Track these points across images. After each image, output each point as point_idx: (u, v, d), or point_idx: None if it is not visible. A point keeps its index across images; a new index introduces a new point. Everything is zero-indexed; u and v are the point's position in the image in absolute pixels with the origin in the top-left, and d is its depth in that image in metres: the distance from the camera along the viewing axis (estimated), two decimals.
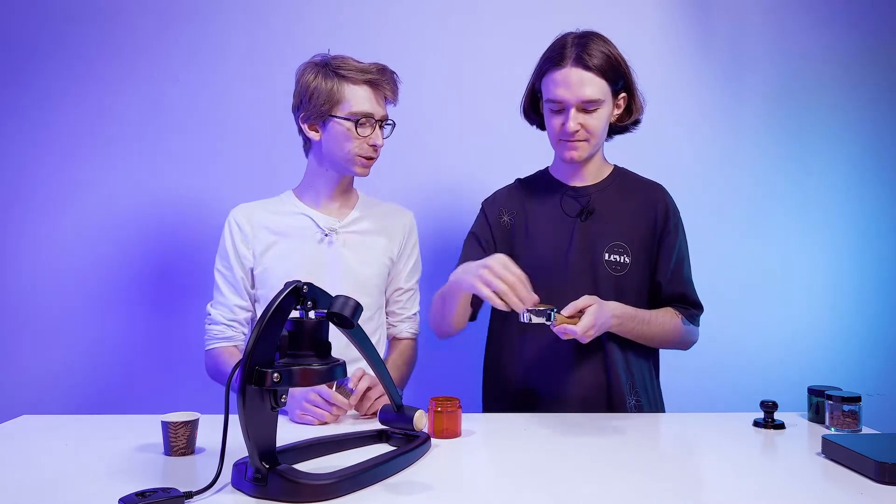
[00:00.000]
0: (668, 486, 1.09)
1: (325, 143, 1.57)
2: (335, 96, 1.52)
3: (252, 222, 1.61)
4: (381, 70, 1.55)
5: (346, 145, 1.54)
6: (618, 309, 1.51)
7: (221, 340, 1.60)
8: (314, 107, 1.53)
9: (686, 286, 1.66)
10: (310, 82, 1.53)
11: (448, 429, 1.31)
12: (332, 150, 1.57)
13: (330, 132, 1.55)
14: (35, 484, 1.07)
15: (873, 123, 2.28)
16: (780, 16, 2.26)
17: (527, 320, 1.35)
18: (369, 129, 1.54)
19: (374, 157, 1.59)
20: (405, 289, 1.72)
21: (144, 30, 2.14)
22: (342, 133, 1.54)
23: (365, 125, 1.53)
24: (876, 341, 2.27)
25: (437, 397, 1.34)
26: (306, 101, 1.54)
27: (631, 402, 1.59)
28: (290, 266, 1.58)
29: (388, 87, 1.56)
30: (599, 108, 1.53)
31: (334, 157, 1.58)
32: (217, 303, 1.62)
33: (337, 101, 1.52)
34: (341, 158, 1.57)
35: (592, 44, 1.52)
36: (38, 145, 2.13)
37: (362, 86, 1.53)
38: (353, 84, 1.52)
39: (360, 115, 1.52)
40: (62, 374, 2.12)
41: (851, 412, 1.35)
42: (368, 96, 1.53)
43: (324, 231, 1.61)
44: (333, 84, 1.51)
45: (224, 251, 1.62)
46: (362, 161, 1.57)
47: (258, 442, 0.99)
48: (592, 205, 1.63)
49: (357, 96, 1.52)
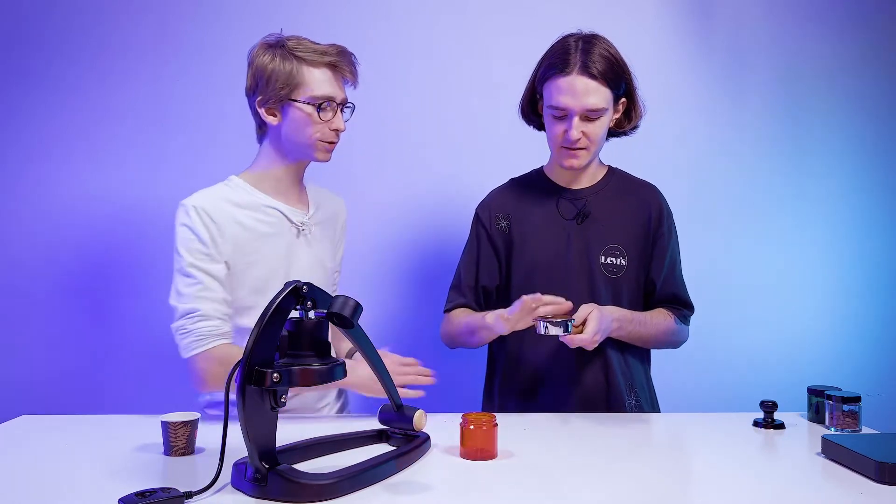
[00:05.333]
0: (668, 486, 1.09)
1: (284, 128, 1.48)
2: (294, 79, 1.44)
3: (222, 214, 1.45)
4: (340, 52, 1.48)
5: (306, 130, 1.47)
6: (616, 313, 1.52)
7: (219, 338, 1.41)
8: (272, 90, 1.44)
9: (678, 287, 1.67)
10: (266, 64, 1.44)
11: (484, 449, 1.18)
12: (292, 136, 1.48)
13: (289, 117, 1.46)
14: (35, 484, 1.07)
15: (873, 124, 2.28)
16: (779, 16, 2.26)
17: (543, 331, 1.37)
18: (331, 112, 1.47)
19: (336, 141, 1.51)
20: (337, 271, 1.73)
21: (144, 30, 2.14)
22: (302, 118, 1.46)
23: (326, 109, 1.46)
24: (876, 341, 2.27)
25: (470, 413, 1.21)
26: (263, 85, 1.45)
27: (631, 402, 1.59)
28: (268, 264, 1.49)
29: (348, 69, 1.49)
30: (602, 115, 1.52)
31: (294, 143, 1.49)
32: (203, 298, 1.40)
33: (296, 84, 1.44)
34: (302, 144, 1.49)
35: (596, 49, 1.50)
36: (38, 145, 2.12)
37: (322, 68, 1.45)
38: (313, 66, 1.44)
39: (322, 98, 1.45)
40: (62, 374, 2.12)
41: (851, 412, 1.35)
42: (329, 79, 1.46)
43: (297, 226, 1.54)
44: (292, 66, 1.43)
45: (201, 241, 1.42)
46: (324, 146, 1.49)
47: (258, 442, 0.99)
48: (589, 208, 1.63)
49: (317, 79, 1.44)
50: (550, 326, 1.36)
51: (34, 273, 2.12)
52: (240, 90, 2.17)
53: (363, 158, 2.12)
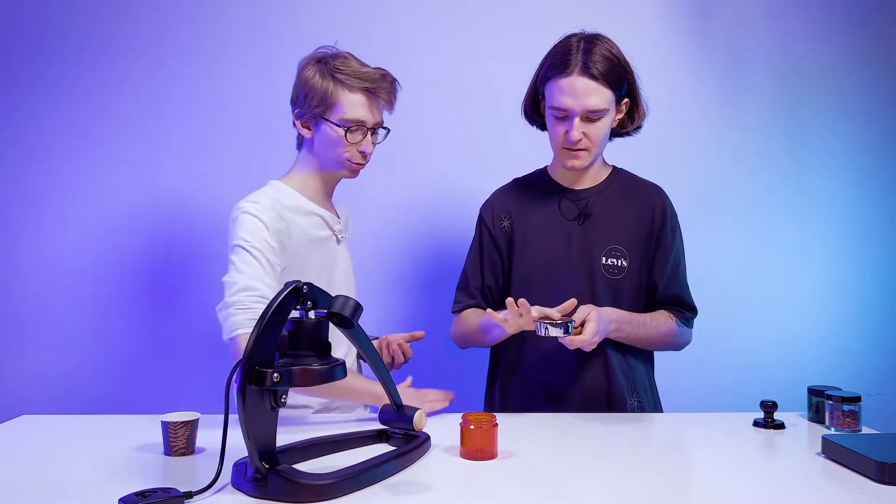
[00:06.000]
0: (668, 486, 1.09)
1: (316, 143, 1.54)
2: (329, 99, 1.48)
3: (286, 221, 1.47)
4: (381, 77, 1.50)
5: (336, 149, 1.51)
6: (614, 314, 1.51)
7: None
8: (308, 106, 1.49)
9: (681, 289, 1.66)
10: (308, 79, 1.49)
11: (484, 449, 1.18)
12: (322, 152, 1.54)
13: (321, 133, 1.51)
14: (35, 484, 1.07)
15: (874, 123, 2.28)
16: (779, 16, 2.26)
17: (543, 333, 1.37)
18: (360, 136, 1.51)
19: (364, 163, 1.56)
20: None
21: (145, 30, 2.14)
22: (332, 137, 1.50)
23: (356, 132, 1.50)
24: (876, 341, 2.27)
25: (470, 413, 1.22)
26: (301, 98, 1.50)
27: (633, 403, 1.59)
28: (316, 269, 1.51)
29: (385, 96, 1.52)
30: (603, 116, 1.52)
31: (324, 158, 1.54)
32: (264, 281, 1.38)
33: (330, 104, 1.48)
34: (331, 161, 1.54)
35: (598, 49, 1.50)
36: (38, 145, 2.12)
37: (358, 93, 1.48)
38: (349, 90, 1.48)
39: (352, 122, 1.48)
40: (62, 374, 2.12)
41: (851, 412, 1.35)
42: (363, 103, 1.49)
43: (336, 233, 1.60)
44: (329, 86, 1.47)
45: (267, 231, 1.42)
46: (351, 165, 1.54)
47: (258, 442, 0.99)
48: (590, 208, 1.63)
49: (351, 102, 1.48)
50: (550, 328, 1.37)
51: (34, 273, 2.12)
52: (241, 90, 2.18)
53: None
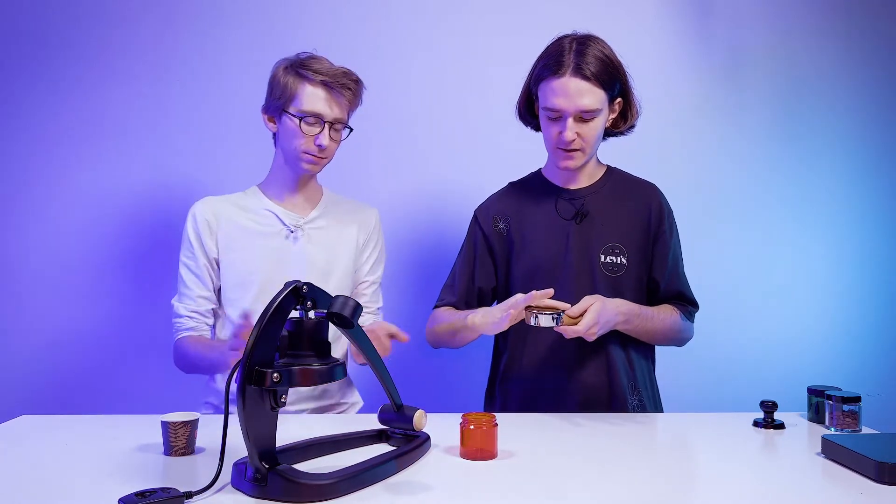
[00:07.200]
0: (668, 486, 1.09)
1: (279, 137, 1.63)
2: (289, 92, 1.57)
3: (217, 215, 1.63)
4: (342, 74, 1.58)
5: (293, 141, 1.59)
6: (623, 306, 1.51)
7: (185, 331, 1.62)
8: (273, 99, 1.60)
9: (683, 284, 1.68)
10: (275, 75, 1.60)
11: (484, 449, 1.18)
12: (283, 145, 1.63)
13: (282, 126, 1.60)
14: (35, 484, 1.07)
15: (874, 123, 2.28)
16: (779, 15, 2.26)
17: (534, 322, 1.38)
18: (316, 128, 1.57)
19: (321, 156, 1.61)
20: (370, 281, 1.74)
21: (145, 30, 2.14)
22: (291, 129, 1.58)
23: (313, 124, 1.57)
24: (876, 341, 2.27)
25: (470, 413, 1.22)
26: (269, 93, 1.61)
27: (633, 401, 1.59)
28: (256, 261, 1.61)
29: (346, 92, 1.58)
30: (596, 116, 1.53)
31: (285, 152, 1.63)
32: (181, 295, 1.64)
33: (290, 96, 1.57)
34: (290, 153, 1.61)
35: (590, 50, 1.50)
36: (38, 145, 2.12)
37: (317, 86, 1.56)
38: (309, 83, 1.56)
39: (308, 113, 1.56)
40: (62, 374, 2.12)
41: (851, 412, 1.35)
42: (322, 97, 1.56)
43: (289, 228, 1.64)
44: (290, 80, 1.57)
45: (188, 242, 1.63)
46: (308, 158, 1.60)
47: (258, 442, 0.99)
48: (587, 207, 1.63)
49: (309, 95, 1.56)
50: (541, 317, 1.37)
51: (34, 273, 2.12)
52: (242, 90, 2.18)
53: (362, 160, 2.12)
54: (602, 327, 1.44)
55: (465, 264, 1.70)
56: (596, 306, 1.41)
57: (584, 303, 1.43)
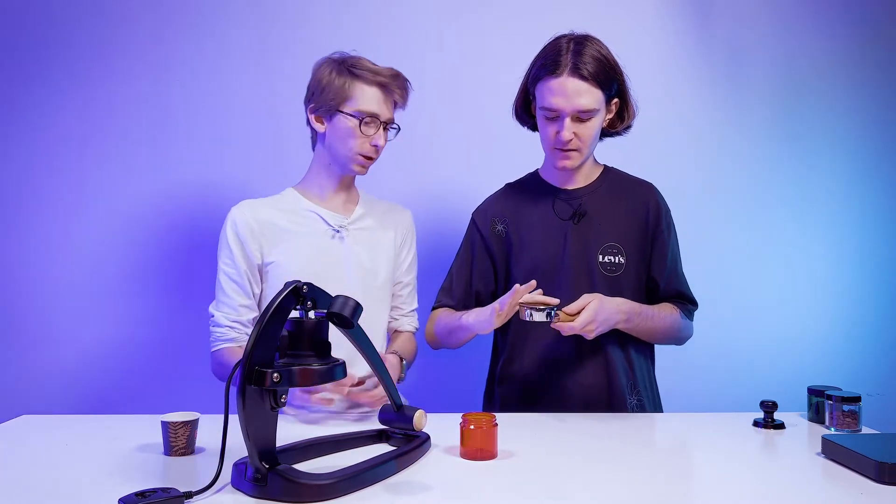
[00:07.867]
0: (668, 486, 1.09)
1: (328, 137, 1.59)
2: (345, 92, 1.55)
3: (259, 219, 1.59)
4: (394, 75, 1.58)
5: (348, 142, 1.57)
6: (624, 305, 1.52)
7: (226, 342, 1.57)
8: (324, 100, 1.56)
9: (682, 283, 1.68)
10: (324, 76, 1.56)
11: (484, 449, 1.18)
12: (335, 145, 1.59)
13: (335, 126, 1.57)
14: (35, 484, 1.07)
15: (874, 123, 2.28)
16: (779, 15, 2.26)
17: (528, 318, 1.39)
18: (374, 128, 1.56)
19: (374, 157, 1.60)
20: (405, 282, 1.73)
21: (148, 29, 2.14)
22: (346, 129, 1.56)
23: (370, 124, 1.56)
24: (876, 341, 2.27)
25: (470, 413, 1.22)
26: (318, 94, 1.57)
27: (632, 401, 1.60)
28: (303, 262, 1.57)
29: (398, 93, 1.59)
30: (594, 116, 1.53)
31: (336, 152, 1.60)
32: (220, 303, 1.58)
33: (346, 97, 1.55)
34: (342, 154, 1.59)
35: (587, 50, 1.51)
36: (39, 146, 2.12)
37: (373, 87, 1.55)
38: (365, 84, 1.55)
39: (366, 114, 1.55)
40: (62, 374, 2.12)
41: (851, 412, 1.35)
42: (377, 97, 1.56)
43: (334, 228, 1.62)
44: (346, 81, 1.55)
45: (228, 249, 1.58)
46: (360, 160, 1.59)
47: (258, 442, 0.99)
48: (584, 207, 1.63)
49: (366, 95, 1.55)
50: (534, 313, 1.38)
51: (34, 273, 2.12)
52: (243, 90, 2.17)
53: None
54: (601, 325, 1.44)
55: (463, 267, 1.71)
56: (593, 304, 1.42)
57: (582, 300, 1.43)
